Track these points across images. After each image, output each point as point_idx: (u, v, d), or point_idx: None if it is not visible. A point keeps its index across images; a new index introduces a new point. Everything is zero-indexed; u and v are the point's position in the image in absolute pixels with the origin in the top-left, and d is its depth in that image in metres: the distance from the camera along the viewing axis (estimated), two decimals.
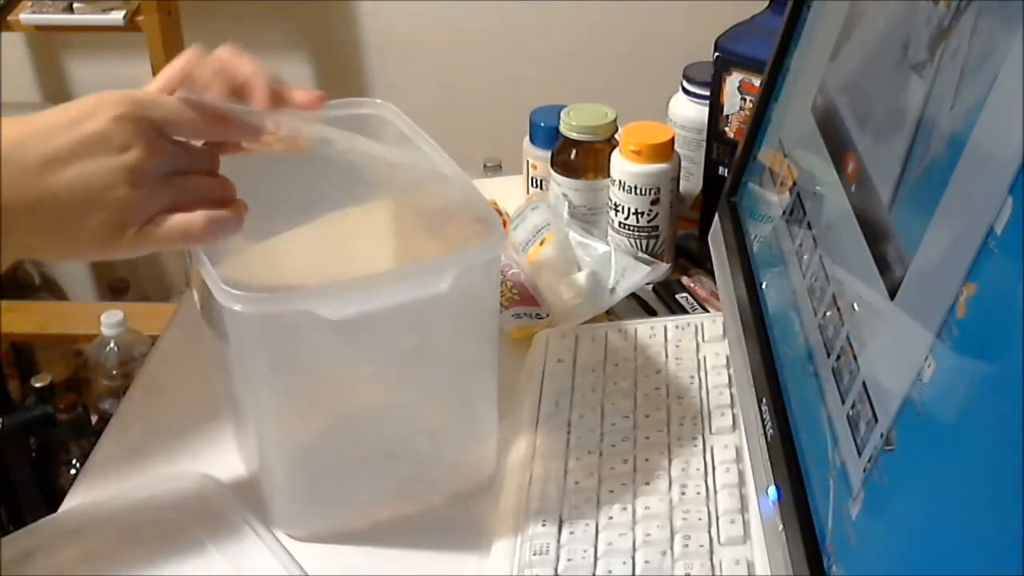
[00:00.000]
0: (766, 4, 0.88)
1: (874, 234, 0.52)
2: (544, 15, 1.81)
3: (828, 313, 0.56)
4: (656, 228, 0.89)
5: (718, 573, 0.58)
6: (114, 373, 1.53)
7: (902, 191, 0.50)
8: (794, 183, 0.66)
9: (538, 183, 0.98)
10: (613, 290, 0.85)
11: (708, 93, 0.89)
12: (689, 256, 0.94)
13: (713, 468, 0.65)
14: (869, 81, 0.58)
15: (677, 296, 0.87)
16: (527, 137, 0.98)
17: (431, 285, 0.59)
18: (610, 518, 0.63)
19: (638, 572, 0.59)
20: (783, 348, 0.63)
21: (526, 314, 0.85)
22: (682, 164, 0.90)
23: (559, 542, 0.62)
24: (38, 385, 1.45)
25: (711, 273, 0.81)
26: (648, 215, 0.88)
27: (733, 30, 0.87)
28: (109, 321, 1.48)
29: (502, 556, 0.62)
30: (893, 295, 0.48)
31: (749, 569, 0.58)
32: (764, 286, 0.69)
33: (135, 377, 0.85)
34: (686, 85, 0.93)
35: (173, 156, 0.55)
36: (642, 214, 0.88)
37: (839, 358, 0.53)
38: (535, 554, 0.61)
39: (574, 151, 0.92)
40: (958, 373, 0.41)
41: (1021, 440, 0.35)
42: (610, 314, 0.85)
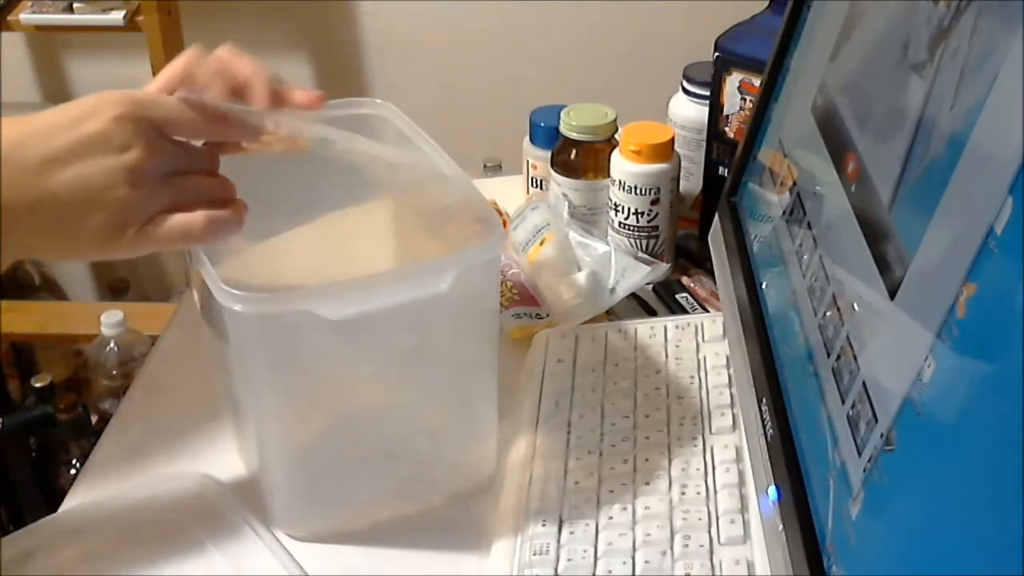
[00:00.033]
0: (766, 4, 0.88)
1: (874, 234, 0.52)
2: (544, 15, 1.81)
3: (828, 313, 0.56)
4: (656, 228, 0.89)
5: (718, 573, 0.58)
6: (114, 373, 1.53)
7: (902, 191, 0.50)
8: (794, 183, 0.66)
9: (538, 183, 0.98)
10: (613, 290, 0.85)
11: (708, 93, 0.89)
12: (689, 256, 0.94)
13: (713, 468, 0.65)
14: (869, 81, 0.58)
15: (677, 296, 0.87)
16: (527, 137, 0.98)
17: (431, 285, 0.59)
18: (610, 518, 0.63)
19: (638, 572, 0.59)
20: (783, 348, 0.63)
21: (526, 314, 0.85)
22: (682, 164, 0.90)
23: (559, 542, 0.62)
24: (38, 385, 1.45)
25: (711, 273, 0.81)
26: (648, 215, 0.88)
27: (733, 30, 0.87)
28: (109, 321, 1.48)
29: (502, 556, 0.62)
30: (893, 295, 0.48)
31: (749, 569, 0.58)
32: (764, 286, 0.69)
33: (135, 377, 0.85)
34: (686, 85, 0.93)
35: (173, 156, 0.55)
36: (642, 214, 0.88)
37: (839, 358, 0.53)
38: (535, 554, 0.61)
39: (574, 151, 0.92)
40: (958, 373, 0.41)
41: (1021, 440, 0.35)
42: (610, 314, 0.85)
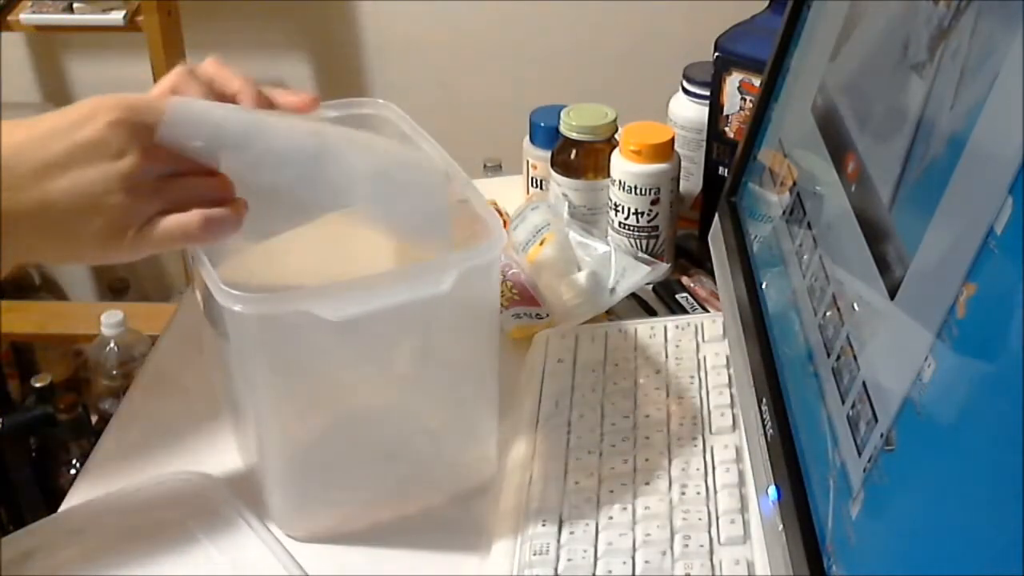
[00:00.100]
0: (766, 4, 0.88)
1: (874, 234, 0.52)
2: (544, 15, 1.81)
3: (828, 313, 0.56)
4: (656, 228, 0.89)
5: (718, 573, 0.58)
6: (114, 373, 1.53)
7: (902, 191, 0.50)
8: (794, 183, 0.66)
9: (538, 183, 0.98)
10: (613, 290, 0.85)
11: (708, 93, 0.89)
12: (689, 256, 0.94)
13: (713, 468, 0.65)
14: (869, 81, 0.58)
15: (677, 296, 0.87)
16: (527, 137, 0.98)
17: (431, 285, 0.59)
18: (610, 518, 0.63)
19: (638, 572, 0.59)
20: (783, 348, 0.63)
21: (526, 314, 0.85)
22: (682, 164, 0.90)
23: (559, 542, 0.62)
24: (38, 385, 1.45)
25: (711, 273, 0.81)
26: (648, 215, 0.88)
27: (733, 30, 0.87)
28: (109, 321, 1.48)
29: (502, 556, 0.62)
30: (893, 295, 0.48)
31: (749, 569, 0.58)
32: (764, 286, 0.69)
33: (135, 377, 0.85)
34: (686, 85, 0.93)
35: (169, 159, 0.55)
36: (642, 214, 0.88)
37: (839, 358, 0.53)
38: (535, 554, 0.61)
39: (574, 151, 0.91)
40: (958, 373, 0.41)
41: (1021, 440, 0.35)
42: (610, 314, 0.85)
